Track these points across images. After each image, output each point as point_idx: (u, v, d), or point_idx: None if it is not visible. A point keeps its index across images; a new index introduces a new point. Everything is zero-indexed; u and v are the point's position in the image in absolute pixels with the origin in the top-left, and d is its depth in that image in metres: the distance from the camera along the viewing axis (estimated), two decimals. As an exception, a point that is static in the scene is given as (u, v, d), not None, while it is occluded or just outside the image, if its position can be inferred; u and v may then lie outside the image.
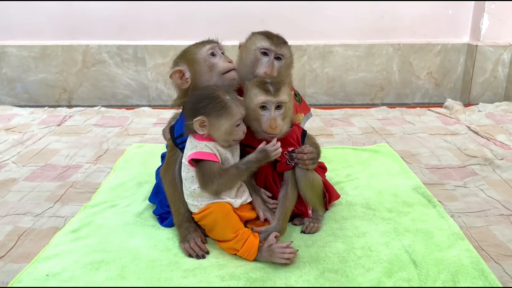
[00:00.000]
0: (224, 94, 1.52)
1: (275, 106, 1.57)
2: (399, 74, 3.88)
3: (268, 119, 1.56)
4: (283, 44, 1.76)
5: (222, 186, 1.52)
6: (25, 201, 2.03)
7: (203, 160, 1.52)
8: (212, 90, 1.54)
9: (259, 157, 1.53)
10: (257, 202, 1.69)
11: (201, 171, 1.52)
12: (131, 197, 2.03)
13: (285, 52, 1.75)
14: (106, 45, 3.75)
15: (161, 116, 3.40)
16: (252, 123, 1.62)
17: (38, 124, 3.17)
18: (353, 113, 3.46)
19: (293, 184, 1.69)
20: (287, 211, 1.67)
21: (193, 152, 1.53)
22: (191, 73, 1.67)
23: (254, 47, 1.73)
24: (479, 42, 3.72)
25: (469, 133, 2.95)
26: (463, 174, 2.30)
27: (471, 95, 3.80)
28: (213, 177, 1.51)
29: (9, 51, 3.74)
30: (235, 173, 1.53)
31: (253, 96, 1.58)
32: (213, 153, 1.52)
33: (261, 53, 1.73)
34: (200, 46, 1.69)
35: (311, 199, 1.72)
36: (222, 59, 1.68)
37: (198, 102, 1.51)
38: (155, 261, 1.55)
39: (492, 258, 1.58)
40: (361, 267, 1.50)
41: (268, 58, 1.73)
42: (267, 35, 1.76)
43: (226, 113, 1.49)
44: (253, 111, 1.58)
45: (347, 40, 3.82)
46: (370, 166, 2.37)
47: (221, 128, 1.51)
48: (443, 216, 1.83)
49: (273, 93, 1.55)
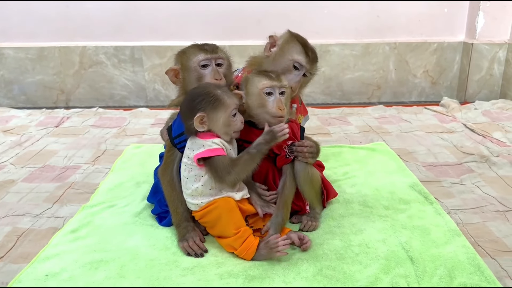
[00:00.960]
0: (215, 89, 1.55)
1: (279, 91, 1.60)
2: (395, 73, 3.90)
3: (275, 101, 1.59)
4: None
5: (239, 174, 1.53)
6: (24, 202, 2.03)
7: (212, 157, 1.53)
8: (203, 87, 1.57)
9: (267, 138, 1.52)
10: (253, 199, 1.69)
11: (213, 167, 1.53)
12: (130, 197, 2.04)
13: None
14: (103, 46, 3.76)
15: (159, 116, 3.40)
16: (255, 111, 1.62)
17: (36, 126, 3.17)
18: (350, 112, 3.47)
19: (292, 177, 1.70)
20: (287, 199, 1.68)
21: (201, 151, 1.53)
22: (182, 77, 1.69)
23: (290, 57, 1.71)
24: (475, 40, 3.74)
25: (466, 130, 2.97)
26: (459, 171, 2.32)
27: (467, 93, 3.82)
28: (229, 168, 1.52)
29: (6, 53, 3.74)
30: (247, 158, 1.53)
31: (257, 83, 1.60)
32: (221, 148, 1.54)
33: (293, 66, 1.72)
34: (195, 53, 1.66)
35: (309, 194, 1.73)
36: (212, 73, 1.64)
37: (192, 100, 1.54)
38: (154, 260, 1.56)
39: (488, 254, 1.60)
40: (358, 264, 1.51)
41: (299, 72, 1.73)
42: (303, 47, 1.74)
43: (221, 104, 1.52)
44: (258, 97, 1.60)
45: (343, 39, 3.83)
46: (367, 164, 2.39)
47: (219, 120, 1.53)
48: (439, 213, 1.84)
49: (276, 78, 1.60)
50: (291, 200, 1.71)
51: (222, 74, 1.65)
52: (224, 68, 1.68)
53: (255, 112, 1.63)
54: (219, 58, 1.67)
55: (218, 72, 1.64)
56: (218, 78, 1.63)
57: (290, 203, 1.70)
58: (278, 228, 1.62)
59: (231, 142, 1.61)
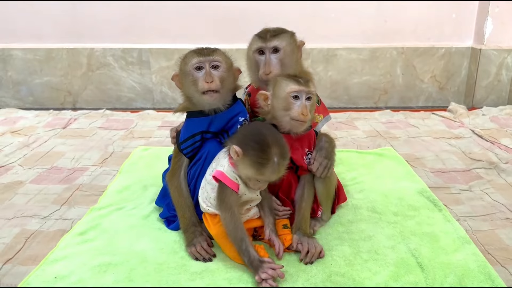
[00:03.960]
0: (276, 150, 1.45)
1: (306, 97, 1.61)
2: (402, 78, 3.89)
3: (300, 106, 1.60)
4: (274, 37, 1.74)
5: (226, 224, 1.50)
6: (32, 204, 2.04)
7: (224, 184, 1.51)
8: (272, 139, 1.46)
9: (251, 265, 1.45)
10: (265, 220, 1.65)
11: (221, 194, 1.52)
12: (137, 200, 2.04)
13: (278, 43, 1.73)
14: (111, 48, 3.77)
15: (166, 119, 3.41)
16: (279, 113, 1.63)
17: (44, 127, 3.18)
18: (357, 117, 3.46)
19: (310, 185, 1.73)
20: (304, 212, 1.69)
21: (219, 170, 1.52)
22: (181, 81, 1.68)
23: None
24: (483, 45, 3.72)
25: (474, 136, 2.96)
26: (468, 177, 2.30)
27: (475, 99, 3.81)
28: (227, 209, 1.50)
29: (14, 54, 3.76)
30: (236, 237, 1.48)
31: (285, 86, 1.61)
32: (236, 184, 1.51)
33: (258, 53, 1.74)
34: (191, 57, 1.63)
35: (322, 193, 1.74)
36: (205, 76, 1.60)
37: (251, 137, 1.47)
38: (162, 264, 1.55)
39: (498, 262, 1.58)
40: (367, 271, 1.51)
41: (264, 56, 1.74)
42: (260, 34, 1.77)
43: (261, 168, 1.45)
44: (284, 100, 1.61)
45: (350, 44, 3.83)
46: (375, 169, 2.38)
47: (247, 172, 1.48)
48: (449, 219, 1.83)
49: (304, 84, 1.61)
50: (309, 211, 1.72)
51: (216, 77, 1.61)
52: (222, 70, 1.63)
53: (279, 114, 1.64)
54: (214, 60, 1.61)
55: (210, 74, 1.59)
56: (209, 81, 1.58)
57: (308, 215, 1.71)
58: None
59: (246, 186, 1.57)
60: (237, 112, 1.71)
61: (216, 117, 1.67)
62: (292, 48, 1.78)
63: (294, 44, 1.79)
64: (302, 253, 1.57)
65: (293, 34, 1.82)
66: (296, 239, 1.61)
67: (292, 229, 1.67)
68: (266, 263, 1.44)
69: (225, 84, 1.64)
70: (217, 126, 1.69)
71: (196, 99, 1.65)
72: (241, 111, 1.73)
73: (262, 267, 1.42)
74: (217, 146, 1.69)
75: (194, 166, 1.71)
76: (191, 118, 1.70)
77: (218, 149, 1.66)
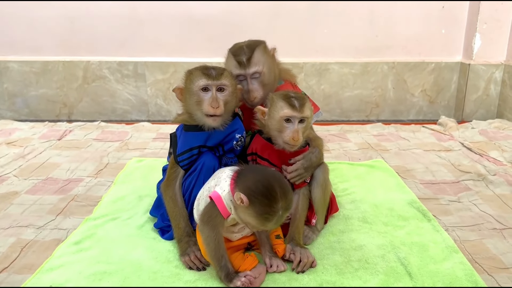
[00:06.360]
0: (283, 204, 1.41)
1: (299, 120, 1.63)
2: (393, 92, 3.97)
3: (291, 131, 1.62)
4: (252, 63, 1.75)
5: (208, 243, 1.50)
6: (28, 214, 2.06)
7: (215, 205, 1.49)
8: (280, 193, 1.41)
9: (228, 278, 1.49)
10: (263, 250, 1.66)
11: (210, 212, 1.50)
12: (132, 210, 2.06)
13: (257, 68, 1.75)
14: (106, 61, 3.82)
15: (160, 131, 3.45)
16: (272, 132, 1.67)
17: (39, 138, 3.21)
18: (349, 129, 3.52)
19: (305, 196, 1.76)
20: (298, 223, 1.72)
21: (217, 193, 1.49)
22: (185, 97, 1.70)
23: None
24: (472, 60, 3.81)
25: (463, 149, 3.02)
26: (457, 189, 2.35)
27: (465, 112, 3.89)
28: (212, 229, 1.49)
29: (10, 66, 3.80)
30: (217, 255, 1.50)
31: (279, 109, 1.63)
32: (228, 212, 1.49)
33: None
34: (198, 77, 1.64)
35: (319, 201, 1.78)
36: (210, 100, 1.62)
37: (260, 189, 1.40)
38: (156, 272, 1.58)
39: (485, 271, 1.62)
40: (358, 279, 1.54)
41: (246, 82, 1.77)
42: (236, 57, 1.78)
43: (265, 221, 1.41)
44: (277, 122, 1.64)
45: (343, 58, 3.91)
46: (366, 180, 2.43)
47: (249, 220, 1.44)
48: (437, 229, 1.87)
49: (298, 108, 1.61)
50: (303, 222, 1.75)
51: (222, 102, 1.63)
52: (227, 94, 1.66)
53: (272, 134, 1.68)
54: (221, 84, 1.64)
55: (216, 99, 1.61)
56: (215, 106, 1.61)
57: (302, 226, 1.74)
58: None
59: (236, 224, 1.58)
60: (235, 129, 1.75)
61: (214, 133, 1.71)
62: (269, 64, 1.80)
63: (270, 58, 1.82)
64: (295, 262, 1.60)
65: (265, 46, 1.83)
66: (289, 248, 1.64)
67: (286, 239, 1.70)
68: (242, 275, 1.49)
69: (228, 106, 1.67)
70: (213, 141, 1.72)
71: (198, 118, 1.68)
72: (238, 128, 1.76)
73: (238, 276, 1.48)
74: (212, 158, 1.72)
75: (189, 177, 1.74)
76: (189, 132, 1.72)
77: (213, 161, 1.70)
